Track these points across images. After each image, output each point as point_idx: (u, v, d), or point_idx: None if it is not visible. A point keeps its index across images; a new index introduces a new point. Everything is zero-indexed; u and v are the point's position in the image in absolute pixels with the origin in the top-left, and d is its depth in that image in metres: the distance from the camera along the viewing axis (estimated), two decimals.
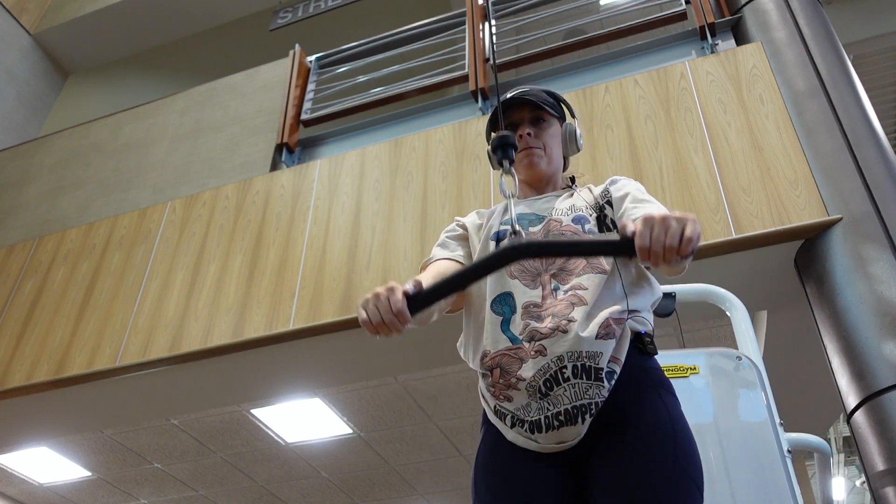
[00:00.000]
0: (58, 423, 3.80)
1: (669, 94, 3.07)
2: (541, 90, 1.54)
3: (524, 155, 1.49)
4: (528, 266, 1.35)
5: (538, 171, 1.50)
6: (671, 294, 2.01)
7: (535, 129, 1.50)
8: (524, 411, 1.24)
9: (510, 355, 1.27)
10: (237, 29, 6.13)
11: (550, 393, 1.22)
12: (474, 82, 3.63)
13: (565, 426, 1.21)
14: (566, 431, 1.21)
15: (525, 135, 1.49)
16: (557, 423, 1.21)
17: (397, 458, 4.84)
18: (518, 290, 1.33)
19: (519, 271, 1.35)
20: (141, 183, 4.11)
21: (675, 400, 1.28)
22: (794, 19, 3.07)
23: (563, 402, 1.21)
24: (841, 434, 7.66)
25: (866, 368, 2.22)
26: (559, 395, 1.22)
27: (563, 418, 1.21)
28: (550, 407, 1.22)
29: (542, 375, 1.23)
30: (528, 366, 1.25)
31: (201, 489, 5.23)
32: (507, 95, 1.53)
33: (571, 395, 1.21)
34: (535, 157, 1.49)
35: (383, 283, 2.74)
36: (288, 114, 3.95)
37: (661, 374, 1.32)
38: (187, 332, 3.25)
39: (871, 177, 2.54)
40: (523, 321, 1.29)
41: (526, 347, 1.26)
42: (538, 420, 1.23)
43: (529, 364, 1.25)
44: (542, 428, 1.22)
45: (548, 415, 1.22)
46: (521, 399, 1.25)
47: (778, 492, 1.69)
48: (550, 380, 1.23)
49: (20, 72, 6.05)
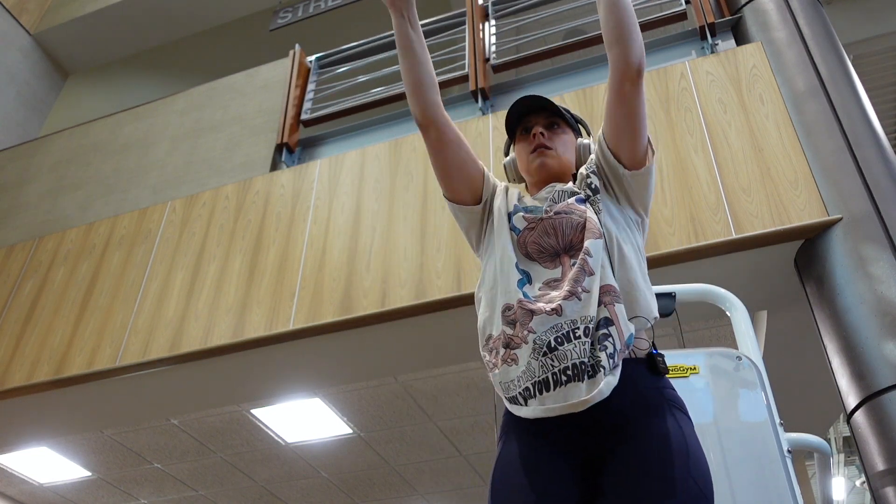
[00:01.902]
0: (58, 423, 3.80)
1: (669, 94, 3.07)
2: (557, 105, 1.56)
3: (537, 154, 1.50)
4: (545, 246, 1.38)
5: (550, 170, 1.51)
6: (671, 294, 2.01)
7: (548, 133, 1.52)
8: (528, 374, 1.25)
9: (522, 307, 1.30)
10: (237, 29, 6.13)
11: (560, 348, 1.24)
12: (474, 82, 3.63)
13: (572, 381, 1.22)
14: (572, 389, 1.22)
15: (538, 134, 1.50)
16: (565, 377, 1.23)
17: (397, 458, 4.84)
18: (537, 270, 1.36)
19: (537, 252, 1.38)
20: (141, 183, 4.11)
21: (688, 420, 1.29)
22: (794, 19, 3.07)
23: (570, 358, 1.23)
24: (841, 434, 7.66)
25: (866, 368, 2.22)
26: (568, 350, 1.24)
27: (571, 373, 1.22)
28: (556, 363, 1.24)
29: (555, 332, 1.26)
30: (541, 319, 1.27)
31: (201, 489, 5.23)
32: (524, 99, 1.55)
33: (580, 352, 1.23)
34: (547, 156, 1.50)
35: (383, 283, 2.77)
36: (288, 114, 3.95)
37: (674, 393, 1.32)
38: (187, 332, 3.25)
39: (871, 177, 2.54)
40: (541, 291, 1.32)
41: (542, 306, 1.29)
42: (545, 378, 1.24)
43: (543, 318, 1.27)
44: (550, 385, 1.23)
45: (554, 371, 1.24)
46: (525, 357, 1.26)
47: (778, 492, 1.69)
48: (562, 337, 1.25)
49: (20, 72, 6.05)
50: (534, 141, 1.51)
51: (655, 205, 2.76)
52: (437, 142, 1.49)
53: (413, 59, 1.47)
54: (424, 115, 1.48)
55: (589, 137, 1.60)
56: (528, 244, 1.39)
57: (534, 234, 1.40)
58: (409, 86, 1.49)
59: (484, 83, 3.62)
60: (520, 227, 1.42)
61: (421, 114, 1.48)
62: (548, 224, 1.39)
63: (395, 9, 1.47)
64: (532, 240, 1.39)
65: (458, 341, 3.05)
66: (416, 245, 3.08)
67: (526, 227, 1.41)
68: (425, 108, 1.48)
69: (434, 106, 1.48)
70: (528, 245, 1.39)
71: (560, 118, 1.55)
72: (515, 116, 1.56)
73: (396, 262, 3.06)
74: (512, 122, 1.58)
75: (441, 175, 1.53)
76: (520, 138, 1.56)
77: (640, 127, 1.41)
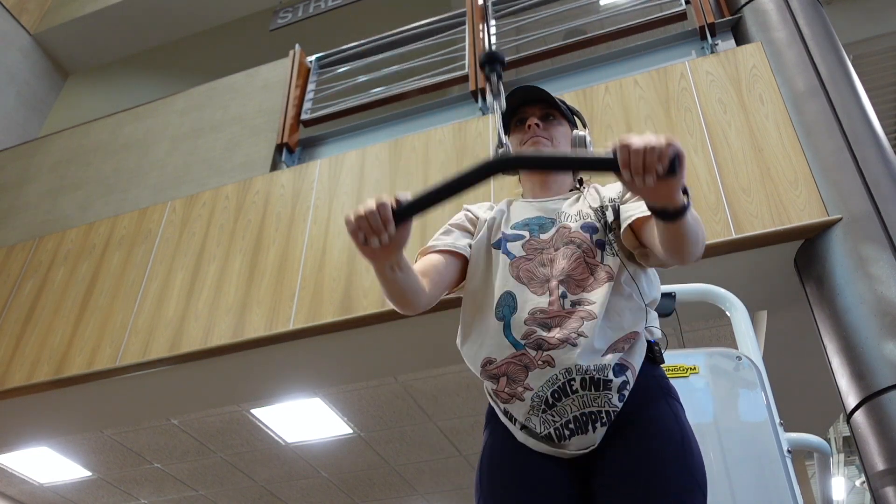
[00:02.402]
0: (58, 423, 3.80)
1: (669, 94, 3.07)
2: (554, 97, 1.52)
3: (532, 143, 1.46)
4: (537, 274, 1.32)
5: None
6: (671, 294, 2.01)
7: (544, 124, 1.48)
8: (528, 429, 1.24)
9: (516, 363, 1.26)
10: (237, 29, 6.13)
11: (557, 404, 1.22)
12: (474, 82, 3.63)
13: (577, 435, 1.21)
14: (579, 440, 1.21)
15: (534, 125, 1.46)
16: (568, 432, 1.21)
17: (397, 458, 4.84)
18: (524, 294, 1.30)
19: (526, 276, 1.32)
20: (141, 183, 4.11)
21: (681, 407, 1.29)
22: (794, 19, 3.07)
23: (569, 412, 1.21)
24: (841, 434, 7.66)
25: (866, 368, 2.22)
26: (566, 405, 1.21)
27: (574, 427, 1.21)
28: (557, 418, 1.22)
29: (550, 387, 1.22)
30: (535, 375, 1.23)
31: (201, 489, 5.23)
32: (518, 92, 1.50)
33: (579, 404, 1.21)
34: (541, 145, 1.45)
35: None
36: (288, 114, 3.95)
37: (668, 381, 1.33)
38: (187, 332, 3.25)
39: (871, 177, 2.54)
40: (528, 326, 1.27)
41: (531, 355, 1.25)
42: (548, 434, 1.22)
43: (536, 373, 1.23)
44: (554, 440, 1.22)
45: (557, 426, 1.22)
46: (523, 412, 1.24)
47: (778, 492, 1.70)
48: (559, 391, 1.22)
49: (20, 72, 6.05)
50: (528, 132, 1.47)
51: None
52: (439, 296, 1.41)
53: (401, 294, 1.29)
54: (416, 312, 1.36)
55: (585, 129, 1.54)
56: (520, 270, 1.34)
57: (530, 264, 1.34)
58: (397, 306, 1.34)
59: (484, 83, 3.61)
60: (515, 253, 1.36)
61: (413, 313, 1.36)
62: (546, 257, 1.34)
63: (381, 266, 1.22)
64: (525, 268, 1.34)
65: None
66: (416, 245, 3.06)
67: (522, 258, 1.35)
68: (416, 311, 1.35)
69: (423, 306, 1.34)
70: (520, 271, 1.33)
71: (555, 109, 1.51)
72: (510, 109, 1.51)
73: None
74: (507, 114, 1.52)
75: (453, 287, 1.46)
76: (514, 129, 1.51)
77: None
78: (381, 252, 1.14)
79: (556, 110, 1.51)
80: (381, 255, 1.16)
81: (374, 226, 1.09)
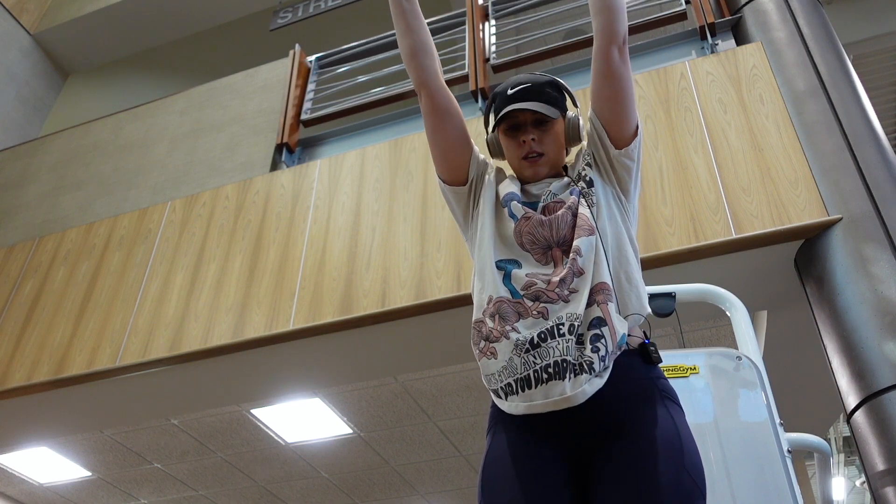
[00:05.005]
0: (58, 423, 3.80)
1: (669, 94, 3.07)
2: (544, 82, 1.50)
3: (528, 163, 1.47)
4: (538, 237, 1.37)
5: (541, 175, 1.48)
6: (671, 294, 2.01)
7: (538, 133, 1.46)
8: (510, 370, 1.26)
9: (508, 304, 1.31)
10: (237, 29, 6.13)
11: (543, 344, 1.25)
12: (474, 82, 3.63)
13: (553, 380, 1.23)
14: (553, 387, 1.22)
15: (529, 140, 1.46)
16: (546, 375, 1.23)
17: (397, 458, 4.84)
18: (529, 261, 1.36)
19: (530, 243, 1.38)
20: (141, 183, 4.11)
21: (680, 410, 1.30)
22: (794, 19, 3.07)
23: (552, 355, 1.24)
24: (841, 434, 7.66)
25: (866, 368, 2.22)
26: (551, 347, 1.25)
27: (552, 371, 1.23)
28: (538, 360, 1.25)
29: (538, 329, 1.27)
30: (527, 323, 1.28)
31: (201, 489, 5.23)
32: (510, 91, 1.48)
33: (563, 349, 1.24)
34: (538, 164, 1.47)
35: (383, 283, 2.76)
36: (288, 114, 3.95)
37: (667, 383, 1.33)
38: (187, 332, 3.25)
39: (871, 177, 2.54)
40: (528, 279, 1.32)
41: (527, 304, 1.30)
42: (526, 375, 1.25)
43: (529, 322, 1.28)
44: (532, 383, 1.24)
45: (536, 368, 1.24)
46: (506, 352, 1.27)
47: (778, 492, 1.70)
48: (545, 333, 1.26)
49: (20, 72, 6.05)
50: (523, 147, 1.46)
51: (655, 205, 2.76)
52: (429, 108, 1.49)
53: (404, 23, 1.50)
54: (418, 79, 1.49)
55: (576, 109, 1.55)
56: (522, 234, 1.39)
57: (529, 224, 1.39)
58: (404, 50, 1.51)
59: (484, 83, 3.62)
60: (518, 215, 1.41)
61: (415, 77, 1.50)
62: (543, 217, 1.39)
63: None
64: (527, 230, 1.39)
65: (458, 341, 3.05)
66: (416, 245, 3.08)
67: (523, 217, 1.40)
68: (419, 73, 1.49)
69: (427, 71, 1.49)
70: (522, 235, 1.39)
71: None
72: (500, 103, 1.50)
73: (396, 262, 3.06)
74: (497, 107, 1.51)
75: (433, 147, 1.53)
76: (507, 134, 1.49)
77: (629, 99, 1.43)
78: None
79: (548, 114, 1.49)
80: None
81: None
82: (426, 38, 1.51)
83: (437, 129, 1.50)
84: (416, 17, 1.51)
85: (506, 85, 1.51)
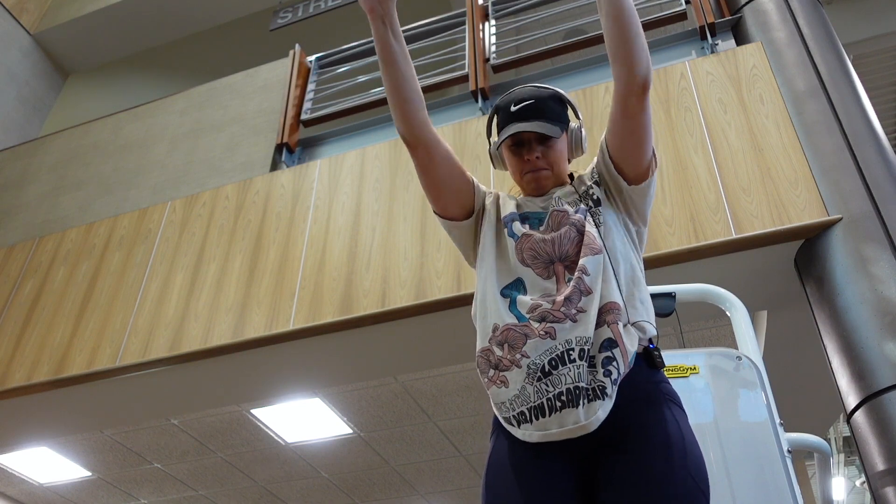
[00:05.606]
0: (58, 423, 3.80)
1: (669, 94, 3.07)
2: (547, 96, 1.46)
3: (532, 178, 1.45)
4: (540, 252, 1.36)
5: (545, 189, 1.47)
6: (671, 294, 2.01)
7: (542, 149, 1.44)
8: (523, 398, 1.25)
9: (515, 330, 1.29)
10: (237, 29, 6.13)
11: (554, 372, 1.23)
12: (474, 82, 3.63)
13: (567, 408, 1.21)
14: (567, 415, 1.21)
15: (533, 159, 1.44)
16: (560, 403, 1.22)
17: (397, 458, 4.84)
18: (530, 278, 1.35)
19: (531, 258, 1.36)
20: (141, 183, 4.11)
21: (683, 414, 1.30)
22: (794, 19, 3.07)
23: (564, 382, 1.23)
24: (841, 434, 7.66)
25: (866, 368, 2.22)
26: (563, 374, 1.23)
27: (566, 398, 1.22)
28: (551, 388, 1.23)
29: (549, 355, 1.25)
30: (534, 344, 1.26)
31: (201, 489, 5.23)
32: (513, 108, 1.44)
33: (575, 376, 1.22)
34: (542, 179, 1.45)
35: (383, 283, 2.74)
36: (288, 114, 3.95)
37: (670, 387, 1.33)
38: (187, 332, 3.25)
39: (871, 177, 2.54)
40: (533, 301, 1.30)
41: (534, 326, 1.28)
42: (540, 404, 1.23)
43: (535, 342, 1.26)
44: (546, 411, 1.23)
45: (549, 396, 1.23)
46: (518, 381, 1.25)
47: (778, 492, 1.70)
48: (556, 359, 1.24)
49: (20, 72, 6.05)
50: (527, 164, 1.45)
51: (655, 205, 2.76)
52: (427, 161, 1.43)
53: (396, 73, 1.37)
54: (412, 135, 1.40)
55: (578, 120, 1.53)
56: (523, 250, 1.37)
57: (530, 240, 1.38)
58: (395, 104, 1.39)
59: (484, 83, 3.61)
60: (518, 234, 1.39)
61: (409, 133, 1.40)
62: (546, 236, 1.37)
63: (375, 15, 1.35)
64: (528, 246, 1.37)
65: (458, 341, 3.05)
66: (416, 245, 3.08)
67: (523, 235, 1.39)
68: (413, 128, 1.40)
69: (422, 125, 1.40)
70: (523, 251, 1.37)
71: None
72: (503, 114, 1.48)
73: (396, 262, 3.06)
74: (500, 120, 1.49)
75: (430, 192, 1.48)
76: (510, 150, 1.47)
77: (645, 141, 1.37)
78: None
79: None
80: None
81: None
82: (417, 86, 1.40)
83: (441, 178, 1.45)
84: (408, 62, 1.39)
85: (508, 100, 1.46)
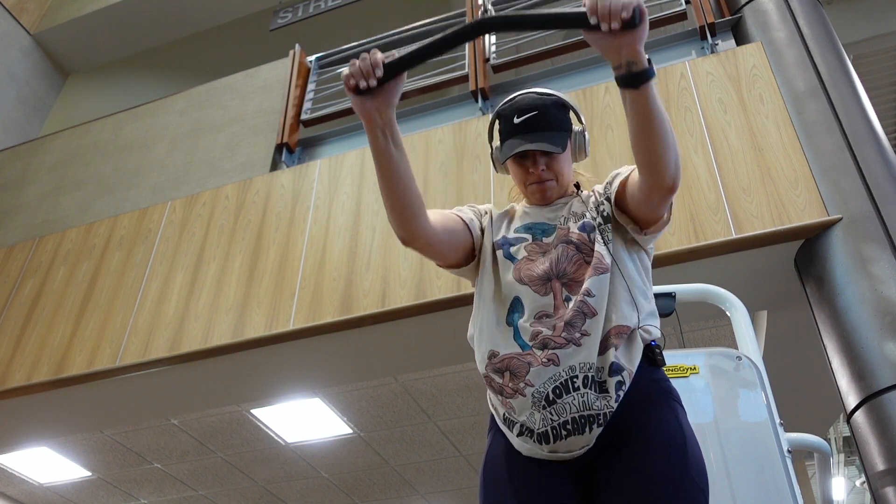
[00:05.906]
0: (58, 423, 3.80)
1: (669, 93, 3.07)
2: (550, 104, 1.42)
3: (537, 189, 1.43)
4: (537, 272, 1.34)
5: (551, 199, 1.46)
6: (671, 294, 2.01)
7: (546, 160, 1.42)
8: (529, 422, 1.24)
9: (519, 359, 1.27)
10: (237, 29, 6.12)
11: (559, 401, 1.22)
12: (474, 82, 3.62)
13: (573, 436, 1.21)
14: (574, 441, 1.22)
15: (539, 172, 1.42)
16: (565, 432, 1.21)
17: (397, 458, 4.84)
18: (528, 296, 1.32)
19: (528, 277, 1.34)
20: (141, 183, 4.11)
21: (683, 410, 1.30)
22: (794, 19, 3.07)
23: (570, 412, 1.21)
24: (841, 434, 7.66)
25: (866, 368, 2.22)
26: (567, 403, 1.22)
27: (571, 427, 1.21)
28: (556, 417, 1.22)
29: (552, 383, 1.23)
30: (537, 372, 1.24)
31: (201, 489, 5.23)
32: (516, 120, 1.41)
33: (580, 405, 1.21)
34: (547, 189, 1.44)
35: (383, 283, 2.74)
36: (288, 114, 3.95)
37: (669, 384, 1.33)
38: (187, 332, 3.25)
39: (871, 177, 2.54)
40: (533, 328, 1.28)
41: (537, 354, 1.26)
42: (545, 431, 1.22)
43: (539, 370, 1.24)
44: (550, 438, 1.22)
45: (554, 425, 1.22)
46: (525, 408, 1.24)
47: (778, 492, 1.70)
48: (560, 388, 1.23)
49: (20, 72, 6.05)
50: (531, 176, 1.43)
51: None
52: (427, 250, 1.40)
53: (398, 184, 1.27)
54: (411, 238, 1.33)
55: (581, 125, 1.50)
56: (521, 270, 1.35)
57: (532, 264, 1.36)
58: (395, 212, 1.30)
59: (484, 83, 3.61)
60: (517, 257, 1.38)
61: (407, 237, 1.33)
62: (547, 257, 1.35)
63: (373, 125, 1.23)
64: (526, 266, 1.36)
65: (458, 341, 3.05)
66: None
67: (525, 258, 1.37)
68: (412, 233, 1.32)
69: (421, 228, 1.32)
70: (521, 271, 1.35)
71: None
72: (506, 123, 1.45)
73: (396, 262, 3.06)
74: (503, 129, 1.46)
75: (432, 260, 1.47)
76: (515, 161, 1.44)
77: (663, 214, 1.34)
78: (372, 103, 1.20)
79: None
80: (373, 107, 1.20)
81: (364, 69, 1.16)
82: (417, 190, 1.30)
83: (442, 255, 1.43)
84: (408, 168, 1.29)
85: (511, 108, 1.43)
